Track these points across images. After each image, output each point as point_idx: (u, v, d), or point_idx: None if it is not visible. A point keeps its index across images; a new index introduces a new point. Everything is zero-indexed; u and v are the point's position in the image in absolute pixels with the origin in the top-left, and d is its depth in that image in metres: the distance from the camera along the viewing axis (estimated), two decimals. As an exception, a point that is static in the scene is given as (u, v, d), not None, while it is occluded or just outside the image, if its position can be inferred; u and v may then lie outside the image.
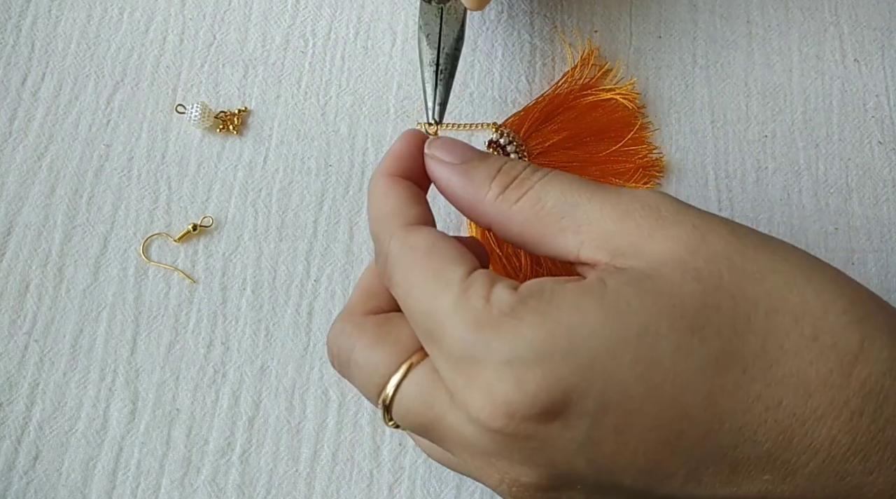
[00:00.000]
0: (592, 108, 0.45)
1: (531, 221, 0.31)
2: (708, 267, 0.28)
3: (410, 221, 0.32)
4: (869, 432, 0.27)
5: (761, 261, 0.29)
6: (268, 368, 0.41)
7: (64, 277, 0.42)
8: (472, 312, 0.28)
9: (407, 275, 0.31)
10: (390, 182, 0.34)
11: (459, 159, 0.34)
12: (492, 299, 0.29)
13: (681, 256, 0.28)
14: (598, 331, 0.27)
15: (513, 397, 0.27)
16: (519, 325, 0.28)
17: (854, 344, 0.27)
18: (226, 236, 0.43)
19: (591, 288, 0.28)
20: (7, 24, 0.48)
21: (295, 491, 0.39)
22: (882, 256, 0.44)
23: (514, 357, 0.27)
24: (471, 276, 0.30)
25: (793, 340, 0.27)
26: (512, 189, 0.32)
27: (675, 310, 0.28)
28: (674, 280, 0.28)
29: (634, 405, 0.27)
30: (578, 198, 0.31)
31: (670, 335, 0.27)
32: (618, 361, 0.27)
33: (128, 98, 0.46)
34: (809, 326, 0.28)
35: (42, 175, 0.44)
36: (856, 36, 0.49)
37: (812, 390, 0.27)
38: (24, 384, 0.40)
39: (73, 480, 0.39)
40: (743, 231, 0.30)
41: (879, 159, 0.46)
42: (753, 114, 0.47)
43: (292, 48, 0.48)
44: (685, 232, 0.29)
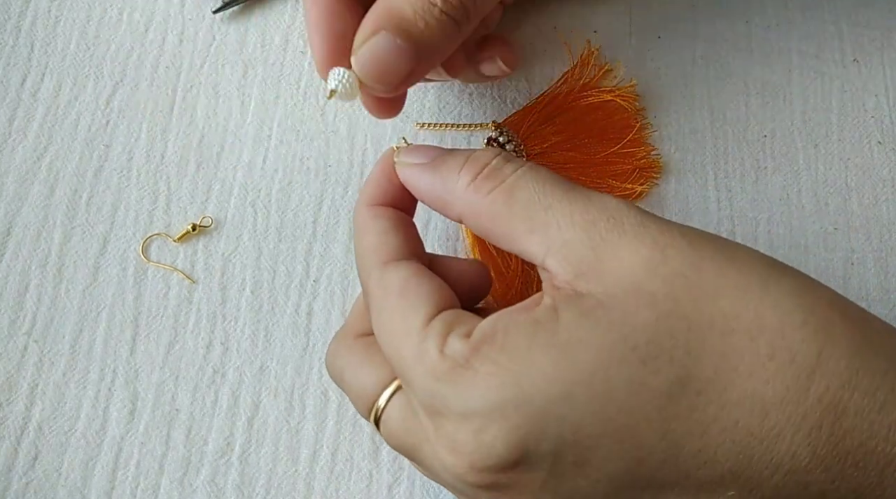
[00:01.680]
0: (592, 110, 0.45)
1: (501, 215, 0.31)
2: (664, 289, 0.28)
3: (388, 256, 0.33)
4: (829, 444, 0.27)
5: (718, 275, 0.29)
6: (267, 368, 0.41)
7: (63, 277, 0.42)
8: (429, 364, 0.29)
9: (380, 316, 0.32)
10: (369, 214, 0.34)
11: (427, 159, 0.34)
12: (446, 350, 0.29)
13: (637, 278, 0.28)
14: (550, 375, 0.28)
15: (473, 449, 0.28)
16: (473, 377, 0.28)
17: (811, 357, 0.27)
18: (225, 237, 0.43)
19: (544, 324, 0.29)
20: (7, 25, 0.48)
21: (294, 491, 0.39)
22: (882, 256, 0.44)
23: (470, 411, 0.28)
24: (430, 323, 0.30)
25: (748, 361, 0.27)
26: (483, 178, 0.32)
27: (627, 342, 0.28)
28: (627, 308, 0.28)
29: (592, 441, 0.28)
30: (550, 199, 0.31)
31: (622, 370, 0.28)
32: (571, 402, 0.28)
33: (127, 98, 0.46)
34: (765, 345, 0.28)
35: (41, 175, 0.44)
36: (855, 36, 0.49)
37: (769, 408, 0.27)
38: (24, 385, 0.40)
39: (72, 480, 0.39)
40: (702, 242, 0.30)
41: (879, 159, 0.46)
42: (753, 113, 0.47)
43: (292, 48, 0.48)
44: (646, 246, 0.29)
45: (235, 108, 0.46)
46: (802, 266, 0.43)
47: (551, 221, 0.30)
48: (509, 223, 0.31)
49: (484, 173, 0.32)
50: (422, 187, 0.34)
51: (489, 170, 0.32)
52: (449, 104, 0.46)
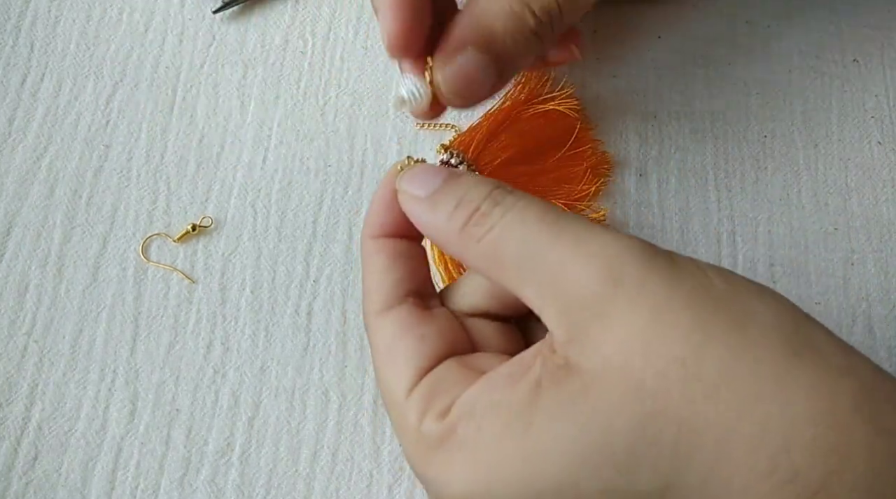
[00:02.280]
0: (535, 120, 0.44)
1: (493, 267, 0.29)
2: (655, 384, 0.25)
3: (381, 304, 0.32)
4: None
5: (724, 365, 0.25)
6: (267, 368, 0.41)
7: (63, 277, 0.42)
8: (409, 439, 0.29)
9: (375, 368, 0.32)
10: (371, 249, 0.33)
11: (426, 190, 0.31)
12: (423, 429, 0.29)
13: (629, 360, 0.25)
14: (517, 478, 0.27)
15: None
16: (445, 462, 0.28)
17: (816, 480, 0.24)
18: (225, 237, 0.43)
19: (520, 414, 0.27)
20: (7, 25, 0.48)
21: (294, 491, 0.39)
22: (882, 256, 0.44)
23: (442, 496, 0.28)
24: (411, 393, 0.30)
25: (743, 477, 0.24)
26: (473, 225, 0.30)
27: (604, 450, 0.25)
28: (612, 402, 0.25)
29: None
30: (539, 246, 0.28)
31: (594, 477, 0.25)
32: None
33: (127, 98, 0.46)
34: (766, 460, 0.24)
35: (41, 175, 0.44)
36: (855, 36, 0.49)
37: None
38: (24, 385, 0.40)
39: (72, 480, 0.39)
40: (713, 310, 0.26)
41: (879, 159, 0.46)
42: (753, 113, 0.47)
43: (292, 48, 0.48)
44: (643, 319, 0.25)
45: (235, 108, 0.46)
46: (802, 266, 0.43)
47: (542, 272, 0.28)
48: (501, 275, 0.29)
49: (473, 220, 0.30)
50: (422, 225, 0.32)
51: (478, 216, 0.29)
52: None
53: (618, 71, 0.48)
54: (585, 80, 0.47)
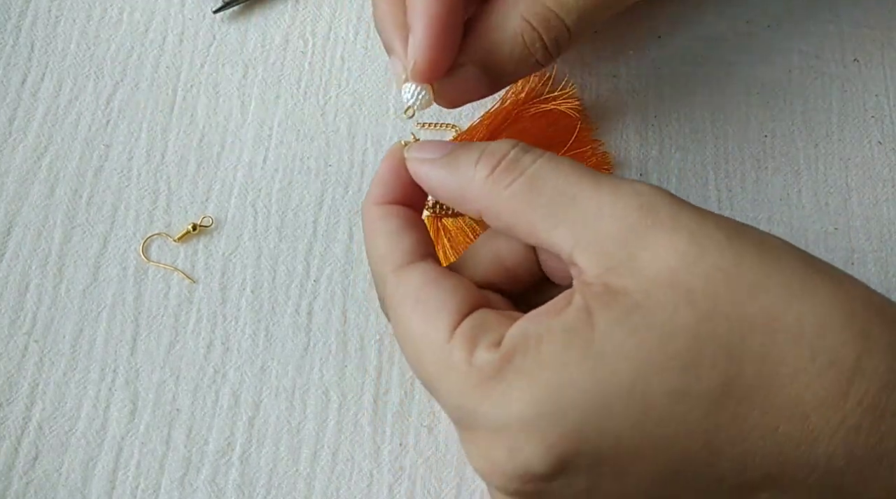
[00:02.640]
0: (536, 120, 0.44)
1: (523, 209, 0.30)
2: (703, 286, 0.27)
3: (402, 259, 0.32)
4: (866, 446, 0.27)
5: (758, 271, 0.27)
6: (268, 368, 0.41)
7: (64, 277, 0.42)
8: (457, 377, 0.28)
9: (399, 326, 0.31)
10: (379, 214, 0.33)
11: (440, 154, 0.32)
12: (475, 362, 0.28)
13: (674, 273, 0.27)
14: (587, 388, 0.27)
15: (507, 466, 0.27)
16: (505, 390, 0.27)
17: (851, 360, 0.27)
18: (225, 236, 0.43)
19: (578, 331, 0.27)
20: (7, 25, 0.48)
21: (295, 491, 0.39)
22: (882, 256, 0.44)
23: (503, 426, 0.27)
24: (456, 331, 0.29)
25: (790, 364, 0.27)
26: (502, 170, 0.30)
27: (668, 350, 0.27)
28: (666, 309, 0.27)
29: (630, 454, 0.27)
30: (576, 189, 0.29)
31: (663, 378, 0.27)
32: (609, 414, 0.27)
33: (127, 98, 0.46)
34: (807, 347, 0.27)
35: (42, 175, 0.44)
36: (856, 35, 0.49)
37: (809, 412, 0.27)
38: (24, 384, 0.40)
39: (72, 480, 0.39)
40: (740, 235, 0.28)
41: (879, 159, 0.46)
42: (753, 113, 0.47)
43: (292, 48, 0.48)
44: (682, 239, 0.28)
45: (235, 108, 0.46)
46: (803, 266, 0.43)
47: (578, 212, 0.29)
48: (532, 217, 0.30)
49: (502, 166, 0.30)
50: (437, 183, 0.32)
51: (507, 162, 0.31)
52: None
53: (618, 71, 0.48)
54: (585, 80, 0.47)
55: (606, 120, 0.46)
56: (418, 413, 0.40)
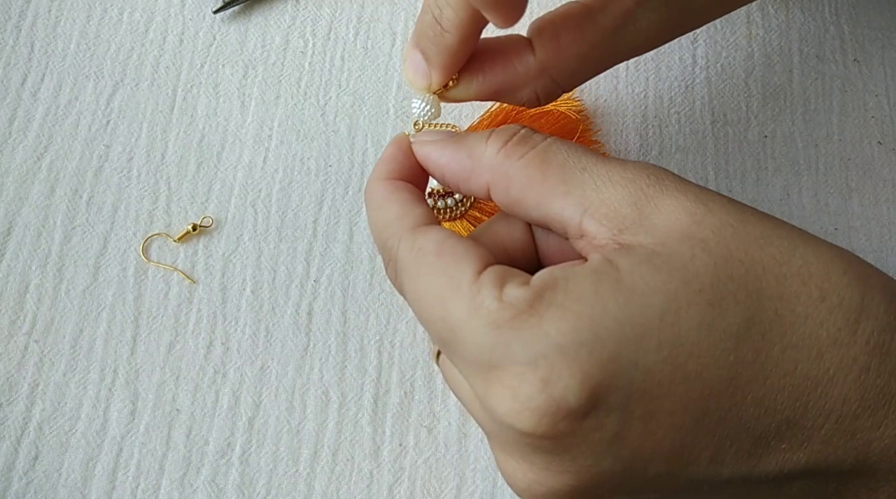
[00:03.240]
0: (537, 120, 0.44)
1: (534, 180, 0.30)
2: (714, 237, 0.28)
3: (415, 222, 0.31)
4: (876, 387, 0.28)
5: (762, 226, 0.29)
6: (268, 368, 0.41)
7: (64, 277, 0.42)
8: (487, 315, 0.28)
9: (417, 280, 0.30)
10: (389, 186, 0.33)
11: (447, 136, 0.33)
12: (505, 298, 0.28)
13: (687, 227, 0.28)
14: (621, 318, 0.27)
15: (539, 400, 0.27)
16: (539, 321, 0.27)
17: (856, 301, 0.28)
18: (225, 237, 0.43)
19: (605, 271, 0.28)
20: (7, 25, 0.48)
21: (295, 491, 0.39)
22: (882, 256, 0.44)
23: (538, 356, 0.27)
24: (482, 275, 0.29)
25: (803, 303, 0.28)
26: (514, 144, 0.31)
27: (692, 285, 0.27)
28: (683, 254, 0.28)
29: (661, 390, 0.27)
30: (586, 162, 0.30)
31: (691, 312, 0.27)
32: (643, 346, 0.27)
33: (128, 98, 0.46)
34: (816, 288, 0.28)
35: (42, 175, 0.44)
36: (856, 36, 0.49)
37: (823, 350, 0.28)
38: (24, 384, 0.40)
39: (72, 480, 0.39)
40: (740, 202, 0.30)
41: (879, 159, 0.46)
42: (753, 114, 0.47)
43: (292, 48, 0.48)
44: (689, 200, 0.29)
45: (236, 108, 0.46)
46: (803, 266, 0.43)
47: (588, 180, 0.30)
48: (543, 186, 0.30)
49: (515, 140, 0.31)
50: (444, 162, 0.33)
51: (519, 137, 0.31)
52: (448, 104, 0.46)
53: (618, 71, 0.48)
54: (586, 80, 0.47)
55: (606, 120, 0.47)
56: (418, 414, 0.40)
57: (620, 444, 0.27)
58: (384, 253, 0.32)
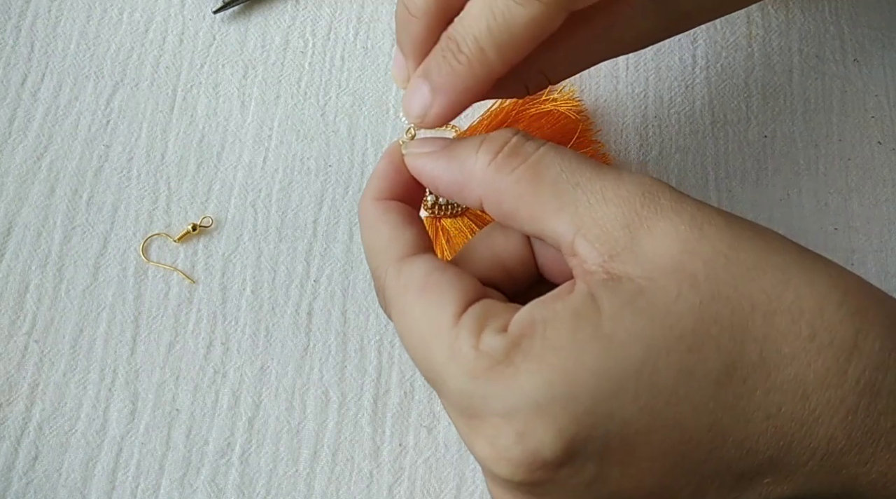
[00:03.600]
0: (537, 120, 0.44)
1: (526, 194, 0.30)
2: (705, 270, 0.27)
3: (404, 251, 0.31)
4: (864, 426, 0.27)
5: (756, 254, 0.28)
6: (268, 368, 0.41)
7: (63, 277, 0.42)
8: (464, 363, 0.28)
9: (402, 317, 0.30)
10: (379, 209, 0.33)
11: (438, 147, 0.32)
12: (482, 347, 0.28)
13: (676, 258, 0.28)
14: (598, 370, 0.27)
15: (515, 452, 0.27)
16: (515, 373, 0.27)
17: (849, 339, 0.27)
18: (225, 237, 0.43)
19: (586, 315, 0.27)
20: (7, 25, 0.48)
21: (294, 491, 0.39)
22: (882, 256, 0.44)
23: (513, 410, 0.27)
24: (462, 317, 0.29)
25: (791, 343, 0.27)
26: (505, 156, 0.30)
27: (674, 331, 0.27)
28: (669, 293, 0.27)
29: (639, 438, 0.27)
30: (579, 177, 0.29)
31: (670, 360, 0.27)
32: (619, 398, 0.27)
33: (127, 98, 0.46)
34: (807, 326, 0.27)
35: (42, 175, 0.44)
36: (856, 36, 0.49)
37: (809, 391, 0.27)
38: (24, 384, 0.40)
39: (72, 480, 0.39)
40: (737, 222, 0.29)
41: (879, 159, 0.46)
42: (753, 114, 0.47)
43: (292, 48, 0.48)
44: (684, 223, 0.28)
45: (235, 108, 0.46)
46: (803, 266, 0.43)
47: (581, 197, 0.29)
48: (535, 202, 0.29)
49: (505, 151, 0.30)
50: (436, 174, 0.32)
51: (510, 148, 0.30)
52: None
53: (617, 71, 0.48)
54: (585, 80, 0.47)
55: (606, 120, 0.47)
56: (418, 414, 0.40)
57: (600, 486, 0.28)
58: (374, 280, 0.33)
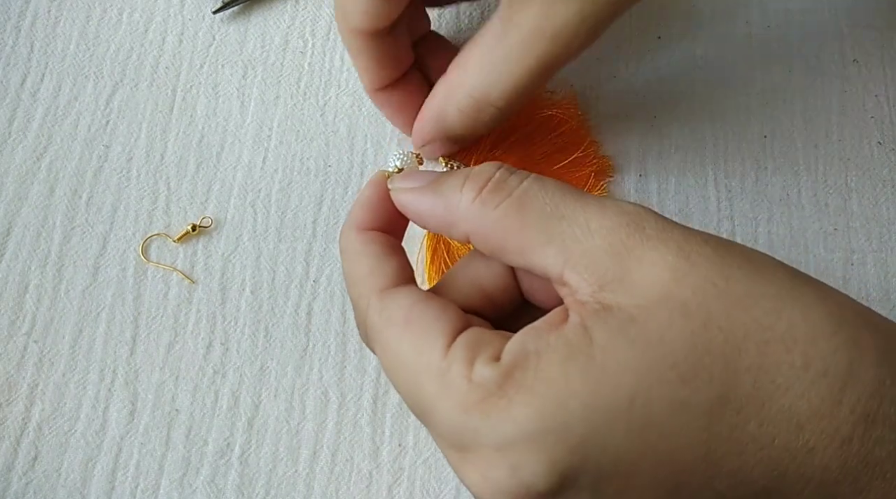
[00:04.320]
0: (538, 126, 0.44)
1: (512, 229, 0.30)
2: (696, 299, 0.27)
3: (386, 283, 0.31)
4: (859, 456, 0.27)
5: (747, 284, 0.28)
6: (267, 368, 0.41)
7: (63, 277, 0.42)
8: (456, 396, 0.28)
9: (386, 352, 0.30)
10: (361, 240, 0.32)
11: (424, 182, 0.32)
12: (475, 378, 0.28)
13: (666, 286, 0.27)
14: (590, 403, 0.27)
15: (508, 485, 0.27)
16: (508, 405, 0.27)
17: (843, 368, 0.27)
18: (225, 237, 0.43)
19: (578, 346, 0.27)
20: (6, 25, 0.48)
21: (294, 492, 0.39)
22: (882, 256, 0.44)
23: (506, 443, 0.27)
24: (451, 348, 0.28)
25: (784, 374, 0.27)
26: (489, 191, 0.30)
27: (666, 361, 0.27)
28: (661, 321, 0.27)
29: (632, 468, 0.27)
30: (564, 209, 0.29)
31: (662, 390, 0.27)
32: (612, 429, 0.26)
33: (127, 98, 0.46)
34: (800, 356, 0.27)
35: (41, 176, 0.44)
36: (855, 36, 0.49)
37: (804, 422, 0.27)
38: (24, 385, 0.40)
39: (72, 480, 0.39)
40: (725, 248, 0.29)
41: (879, 159, 0.46)
42: (753, 114, 0.47)
43: (292, 48, 0.48)
44: (671, 252, 0.28)
45: (235, 108, 0.46)
46: (802, 266, 0.43)
47: (567, 230, 0.29)
48: (522, 237, 0.29)
49: (489, 187, 0.30)
50: (422, 210, 0.32)
51: (494, 183, 0.31)
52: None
53: (617, 71, 0.48)
54: (585, 81, 0.47)
55: (607, 121, 0.46)
56: (418, 414, 0.40)
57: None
58: (355, 311, 0.32)
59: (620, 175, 0.45)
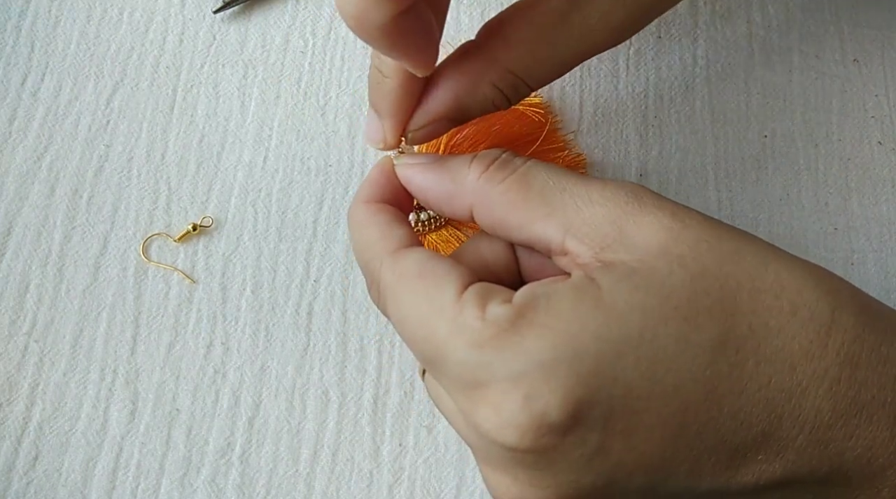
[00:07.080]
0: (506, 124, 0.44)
1: (516, 202, 0.31)
2: (691, 253, 0.29)
3: (397, 244, 0.32)
4: (847, 398, 0.28)
5: (736, 242, 0.30)
6: (268, 368, 0.41)
7: (64, 277, 0.42)
8: (469, 333, 0.28)
9: (400, 303, 0.31)
10: (370, 209, 0.34)
11: (430, 160, 0.34)
12: (487, 316, 0.29)
13: (664, 243, 0.29)
14: (601, 335, 0.28)
15: (522, 416, 0.27)
16: (521, 339, 0.28)
17: (827, 315, 0.29)
18: (225, 237, 0.43)
19: (585, 289, 0.29)
20: (7, 25, 0.48)
21: (295, 491, 0.39)
22: (882, 256, 0.44)
23: (520, 374, 0.27)
24: (464, 294, 0.29)
25: (776, 317, 0.29)
26: (495, 169, 0.32)
27: (669, 301, 0.28)
28: (661, 270, 0.29)
29: (640, 405, 0.28)
30: (566, 183, 0.31)
31: (668, 328, 0.28)
32: (622, 362, 0.27)
33: (127, 98, 0.46)
34: (788, 302, 0.29)
35: (42, 175, 0.44)
36: (856, 36, 0.49)
37: (796, 363, 0.28)
38: (24, 384, 0.40)
39: (72, 480, 0.39)
40: (714, 219, 0.31)
41: (879, 159, 0.46)
42: (753, 114, 0.47)
43: (292, 48, 0.48)
44: (666, 217, 0.30)
45: (235, 108, 0.46)
46: (803, 266, 0.43)
47: (569, 201, 0.31)
48: (525, 208, 0.31)
49: (496, 165, 0.32)
50: (427, 184, 0.34)
51: (500, 161, 0.32)
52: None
53: (618, 71, 0.48)
54: (585, 80, 0.47)
55: (606, 120, 0.47)
56: (418, 414, 0.40)
57: (602, 459, 0.28)
58: (367, 275, 0.33)
59: (620, 175, 0.45)
